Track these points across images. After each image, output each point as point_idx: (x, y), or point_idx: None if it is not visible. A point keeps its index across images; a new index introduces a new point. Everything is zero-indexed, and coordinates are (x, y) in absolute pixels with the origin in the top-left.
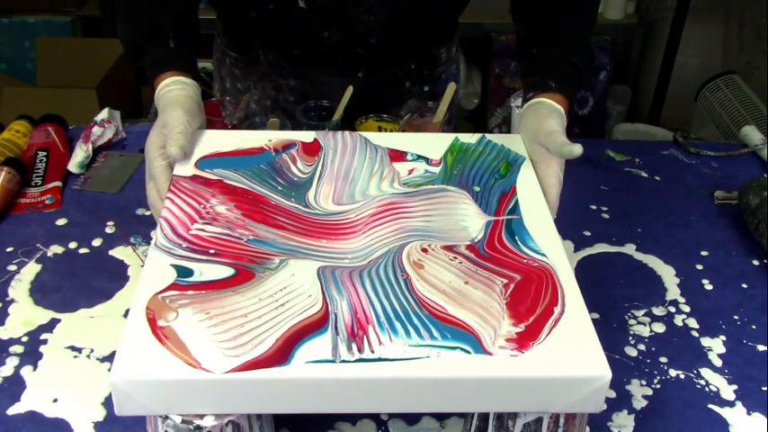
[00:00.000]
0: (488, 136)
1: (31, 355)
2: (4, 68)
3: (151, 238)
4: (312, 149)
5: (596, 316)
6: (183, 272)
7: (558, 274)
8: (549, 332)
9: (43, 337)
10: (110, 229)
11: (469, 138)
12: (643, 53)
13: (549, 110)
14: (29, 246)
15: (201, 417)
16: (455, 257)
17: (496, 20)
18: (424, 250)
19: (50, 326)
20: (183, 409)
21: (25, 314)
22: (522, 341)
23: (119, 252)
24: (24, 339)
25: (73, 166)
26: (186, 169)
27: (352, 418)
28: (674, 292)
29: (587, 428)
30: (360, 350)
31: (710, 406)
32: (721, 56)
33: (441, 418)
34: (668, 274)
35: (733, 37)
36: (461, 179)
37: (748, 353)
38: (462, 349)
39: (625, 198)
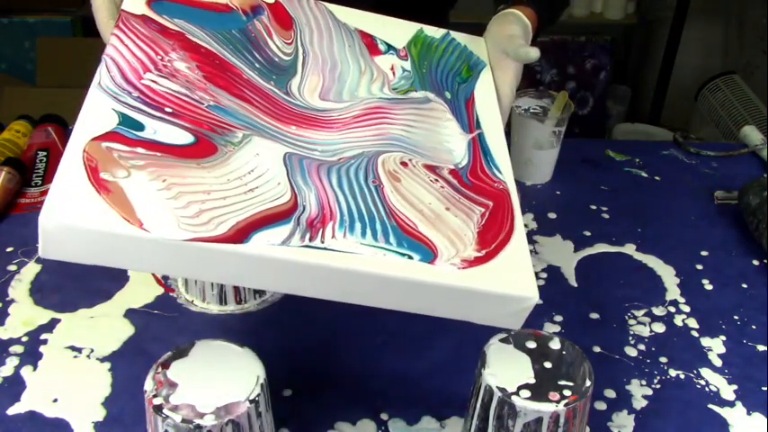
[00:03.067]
0: (452, 33)
1: (31, 355)
2: (4, 68)
3: None
4: (283, 20)
5: (596, 316)
6: (131, 123)
7: (511, 196)
8: (498, 254)
9: (43, 337)
10: None
11: (434, 32)
12: (643, 53)
13: (516, 19)
14: (29, 246)
15: (201, 416)
16: (437, 180)
17: None
18: (404, 164)
19: (50, 326)
20: (112, 262)
21: (25, 314)
22: (474, 262)
23: None
24: (24, 339)
25: None
26: (137, 5)
27: (353, 418)
28: (674, 292)
29: (587, 428)
30: (311, 240)
31: (710, 406)
32: (721, 56)
33: (441, 418)
34: (668, 274)
35: (733, 37)
36: (432, 81)
37: (748, 353)
38: (410, 257)
39: (625, 198)
